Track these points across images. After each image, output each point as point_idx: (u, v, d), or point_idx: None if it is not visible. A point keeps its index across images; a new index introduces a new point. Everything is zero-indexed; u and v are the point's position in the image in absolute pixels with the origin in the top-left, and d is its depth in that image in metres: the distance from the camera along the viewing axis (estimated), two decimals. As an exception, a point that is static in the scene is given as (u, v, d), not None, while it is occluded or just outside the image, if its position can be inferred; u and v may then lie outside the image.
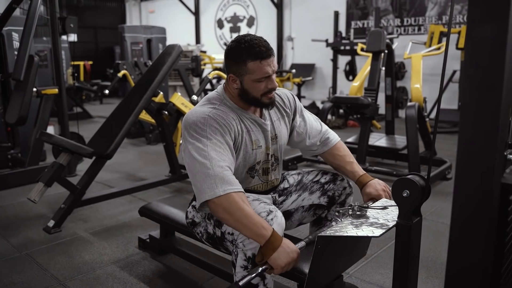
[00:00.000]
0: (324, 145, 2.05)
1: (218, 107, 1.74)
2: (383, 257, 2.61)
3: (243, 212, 1.51)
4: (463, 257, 1.11)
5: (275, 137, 1.90)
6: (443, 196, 3.70)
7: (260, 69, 1.67)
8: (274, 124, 1.90)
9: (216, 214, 1.56)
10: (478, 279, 1.08)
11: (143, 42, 7.45)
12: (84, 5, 13.71)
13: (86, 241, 2.89)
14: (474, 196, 1.09)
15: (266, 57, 1.67)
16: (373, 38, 4.32)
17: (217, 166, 1.56)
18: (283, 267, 1.48)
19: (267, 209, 1.61)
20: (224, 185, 1.53)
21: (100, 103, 11.51)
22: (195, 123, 1.65)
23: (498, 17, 0.96)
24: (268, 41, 1.72)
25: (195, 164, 1.58)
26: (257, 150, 1.82)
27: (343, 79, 8.65)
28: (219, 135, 1.64)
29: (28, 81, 3.67)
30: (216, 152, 1.59)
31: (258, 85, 1.70)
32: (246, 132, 1.78)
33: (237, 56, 1.69)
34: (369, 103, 4.16)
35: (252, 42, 1.66)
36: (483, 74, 1.04)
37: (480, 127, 1.05)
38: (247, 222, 1.49)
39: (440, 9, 8.05)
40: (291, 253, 1.49)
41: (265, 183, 1.93)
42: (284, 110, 1.95)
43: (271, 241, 1.48)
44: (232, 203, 1.51)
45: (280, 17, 10.58)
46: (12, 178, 4.08)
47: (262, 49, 1.66)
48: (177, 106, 4.10)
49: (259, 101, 1.75)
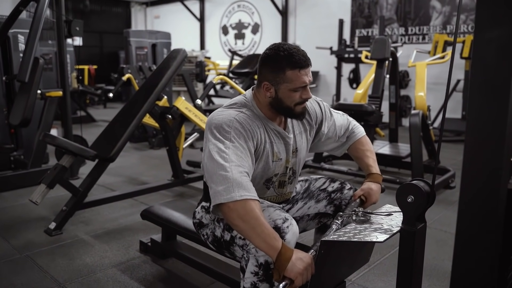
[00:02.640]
0: (349, 140, 2.04)
1: (246, 111, 1.70)
2: (387, 264, 2.59)
3: (259, 221, 1.46)
4: (469, 264, 1.10)
5: (296, 150, 1.86)
6: (447, 204, 3.68)
7: (298, 79, 1.64)
8: (296, 138, 1.86)
9: (229, 219, 1.51)
10: (484, 287, 1.07)
11: (148, 47, 7.47)
12: (90, 10, 13.80)
13: (87, 244, 2.88)
14: (480, 203, 1.08)
15: (305, 67, 1.65)
16: (377, 45, 4.32)
17: (237, 171, 1.51)
18: (302, 273, 1.44)
19: (283, 216, 1.59)
20: (242, 190, 1.48)
21: (104, 107, 11.54)
22: (220, 124, 1.61)
23: (505, 21, 0.96)
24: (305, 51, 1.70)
25: (213, 165, 1.54)
26: (277, 163, 1.78)
27: (347, 86, 8.65)
28: (242, 139, 1.60)
29: (32, 83, 3.67)
30: (237, 156, 1.55)
31: (294, 94, 1.67)
32: (269, 143, 1.74)
33: (275, 64, 1.65)
34: (373, 111, 4.15)
35: (292, 50, 1.63)
36: (490, 79, 1.03)
37: (487, 133, 1.04)
38: (261, 232, 1.45)
39: (445, 18, 8.06)
40: (305, 258, 1.46)
41: (279, 196, 1.90)
42: (309, 124, 1.91)
43: (283, 252, 1.44)
44: (249, 210, 1.46)
45: (285, 24, 10.61)
46: (14, 180, 4.08)
47: (301, 58, 1.64)
48: (181, 110, 4.09)
49: (292, 111, 1.71)
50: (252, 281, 1.56)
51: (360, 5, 9.18)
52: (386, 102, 4.90)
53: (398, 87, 4.93)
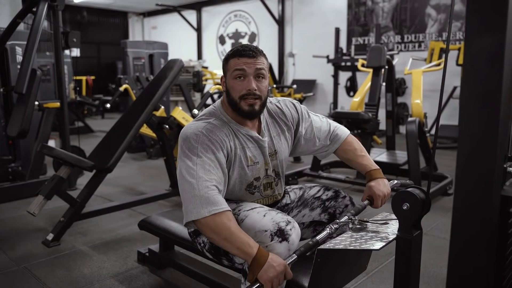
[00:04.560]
0: (334, 143, 2.01)
1: (213, 121, 1.73)
2: (384, 272, 2.58)
3: (230, 231, 1.53)
4: (464, 272, 1.10)
5: (275, 153, 1.88)
6: (444, 211, 3.68)
7: (236, 64, 1.70)
8: (274, 140, 1.87)
9: (204, 233, 1.59)
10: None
11: (145, 57, 7.50)
12: (88, 21, 13.87)
13: (85, 255, 2.87)
14: (474, 209, 1.08)
15: (246, 56, 1.69)
16: (373, 53, 4.35)
17: (203, 187, 1.57)
18: (271, 280, 1.47)
19: (285, 219, 1.61)
20: (209, 206, 1.54)
21: (101, 117, 11.55)
22: (188, 139, 1.66)
23: (495, 28, 0.97)
24: (261, 48, 1.76)
25: (183, 183, 1.61)
26: (253, 167, 1.80)
27: (344, 95, 8.69)
28: (210, 152, 1.64)
29: (30, 94, 3.68)
30: (204, 170, 1.60)
31: (236, 84, 1.71)
32: (240, 148, 1.76)
33: (225, 58, 1.75)
34: (369, 118, 4.17)
35: (240, 45, 1.74)
36: (481, 86, 1.04)
37: (479, 139, 1.05)
38: (234, 241, 1.52)
39: (440, 26, 8.12)
40: (277, 266, 1.48)
41: (266, 198, 1.91)
42: (285, 124, 1.92)
43: (257, 258, 1.49)
44: (219, 223, 1.54)
45: (281, 34, 10.68)
46: (12, 191, 4.07)
47: (244, 48, 1.71)
48: (178, 120, 4.10)
49: (237, 106, 1.73)
50: None
51: (356, 14, 9.25)
52: (382, 109, 4.92)
53: (394, 94, 4.95)
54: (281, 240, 1.55)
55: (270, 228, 1.57)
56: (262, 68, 1.72)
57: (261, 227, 1.58)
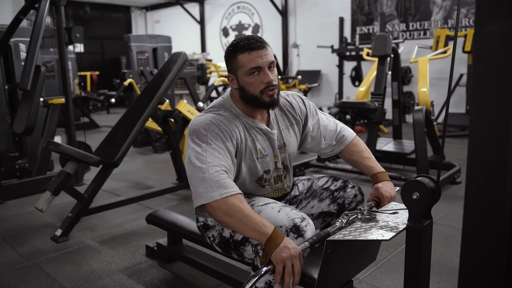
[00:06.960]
0: (340, 144, 2.01)
1: (223, 113, 1.73)
2: (394, 262, 2.57)
3: (243, 212, 1.51)
4: (476, 258, 1.08)
5: (283, 145, 1.87)
6: (453, 200, 3.65)
7: (249, 60, 1.65)
8: (283, 133, 1.87)
9: (215, 217, 1.56)
10: (492, 285, 1.06)
11: (148, 51, 7.49)
12: (90, 16, 13.86)
13: (93, 250, 2.88)
14: (486, 197, 1.06)
15: (255, 48, 1.65)
16: (379, 42, 4.30)
17: (214, 171, 1.55)
18: (283, 261, 1.44)
19: (300, 215, 1.60)
20: (220, 189, 1.53)
21: (107, 112, 11.56)
22: (197, 128, 1.66)
23: (506, 13, 0.94)
24: (262, 38, 1.72)
25: (192, 168, 1.59)
26: (262, 159, 1.80)
27: (349, 85, 8.63)
28: (219, 140, 1.64)
29: (35, 91, 3.68)
30: (214, 157, 1.59)
31: (252, 80, 1.67)
32: (250, 140, 1.76)
33: (230, 54, 1.70)
34: (376, 108, 4.14)
35: (242, 37, 1.69)
36: (492, 72, 1.01)
37: (491, 126, 1.03)
38: (248, 222, 1.50)
39: (446, 13, 8.03)
40: (292, 249, 1.46)
41: (276, 191, 1.90)
42: (294, 118, 1.92)
43: (273, 238, 1.47)
44: (231, 205, 1.51)
45: (285, 25, 10.61)
46: (19, 188, 4.09)
47: (251, 41, 1.66)
48: (183, 114, 4.10)
49: (258, 100, 1.70)
50: (267, 279, 1.56)
51: (360, 2, 9.17)
52: (389, 99, 4.89)
53: (400, 83, 4.91)
54: (297, 236, 1.54)
55: (285, 224, 1.56)
56: (273, 59, 1.71)
57: (276, 222, 1.57)
